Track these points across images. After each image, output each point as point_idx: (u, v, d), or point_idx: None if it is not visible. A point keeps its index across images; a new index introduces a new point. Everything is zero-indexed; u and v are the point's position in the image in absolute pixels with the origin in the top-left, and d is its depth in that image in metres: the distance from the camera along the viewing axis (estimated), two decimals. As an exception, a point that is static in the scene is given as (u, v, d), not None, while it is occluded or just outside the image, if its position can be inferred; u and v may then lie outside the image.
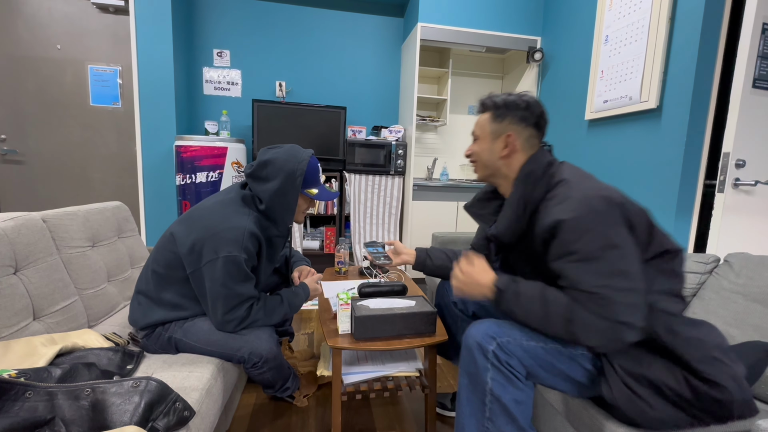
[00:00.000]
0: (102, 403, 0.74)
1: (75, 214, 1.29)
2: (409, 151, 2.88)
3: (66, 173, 2.68)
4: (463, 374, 0.91)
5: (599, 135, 2.20)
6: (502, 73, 3.35)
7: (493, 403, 0.85)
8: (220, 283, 1.05)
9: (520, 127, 0.95)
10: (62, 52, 2.59)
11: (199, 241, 1.05)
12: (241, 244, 1.05)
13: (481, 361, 0.86)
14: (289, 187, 1.14)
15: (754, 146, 1.47)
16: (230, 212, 1.11)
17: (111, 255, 1.42)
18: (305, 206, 1.26)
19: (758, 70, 1.43)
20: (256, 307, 1.13)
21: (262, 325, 1.16)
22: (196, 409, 0.87)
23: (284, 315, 1.21)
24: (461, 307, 1.29)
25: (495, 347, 0.85)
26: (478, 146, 1.02)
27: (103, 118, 2.68)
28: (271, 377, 1.21)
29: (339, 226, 3.02)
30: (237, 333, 1.12)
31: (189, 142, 2.48)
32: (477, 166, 1.05)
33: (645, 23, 1.84)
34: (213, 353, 1.11)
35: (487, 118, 0.99)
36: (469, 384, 0.88)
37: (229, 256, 1.04)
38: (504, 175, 0.99)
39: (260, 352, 1.11)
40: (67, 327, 1.12)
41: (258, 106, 2.72)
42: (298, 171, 1.14)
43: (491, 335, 0.87)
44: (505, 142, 0.95)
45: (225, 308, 1.07)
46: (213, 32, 2.95)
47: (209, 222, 1.08)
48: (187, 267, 1.08)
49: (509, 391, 0.84)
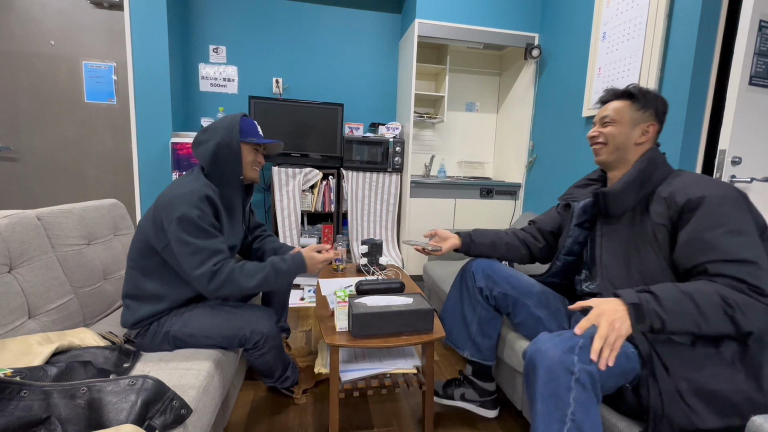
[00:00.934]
0: (98, 401, 0.74)
1: (70, 212, 1.29)
2: (407, 148, 2.87)
3: (61, 171, 2.66)
4: (540, 398, 0.78)
5: (596, 132, 2.20)
6: (500, 69, 3.34)
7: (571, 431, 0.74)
8: (181, 241, 1.06)
9: (657, 121, 1.01)
10: (56, 48, 2.56)
11: (158, 215, 1.09)
12: (191, 203, 1.07)
13: (564, 379, 0.75)
14: (228, 137, 1.18)
15: (750, 143, 1.48)
16: (179, 184, 1.14)
17: (107, 253, 1.41)
18: (251, 157, 1.25)
19: (755, 67, 1.43)
20: (229, 265, 1.10)
21: (242, 287, 1.11)
22: (193, 407, 0.87)
23: (266, 279, 1.14)
24: (487, 293, 1.25)
25: (582, 365, 0.74)
26: (615, 129, 1.03)
27: (98, 115, 2.66)
28: (272, 360, 1.22)
29: (336, 223, 3.01)
30: (236, 312, 1.14)
31: (185, 139, 2.47)
32: (605, 149, 1.05)
33: (642, 20, 1.84)
34: (214, 338, 1.12)
35: (628, 105, 1.02)
36: (546, 409, 0.76)
37: (182, 215, 1.06)
38: (627, 160, 1.03)
39: (261, 330, 1.14)
40: (63, 325, 1.12)
41: (255, 102, 2.70)
42: (233, 123, 1.20)
43: (569, 348, 0.77)
44: (645, 129, 1.01)
45: (191, 265, 1.06)
46: (209, 28, 2.93)
47: (163, 197, 1.11)
48: (158, 245, 1.10)
49: (591, 415, 0.74)
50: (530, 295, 1.21)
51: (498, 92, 3.37)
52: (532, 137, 2.87)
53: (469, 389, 1.36)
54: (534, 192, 2.82)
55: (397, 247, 3.04)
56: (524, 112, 2.93)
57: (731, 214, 0.81)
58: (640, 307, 0.76)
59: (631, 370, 0.83)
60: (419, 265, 2.93)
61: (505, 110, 3.25)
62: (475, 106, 3.36)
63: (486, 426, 1.37)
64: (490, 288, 1.24)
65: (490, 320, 1.27)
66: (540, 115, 2.78)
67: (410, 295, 1.27)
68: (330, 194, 2.94)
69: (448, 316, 1.34)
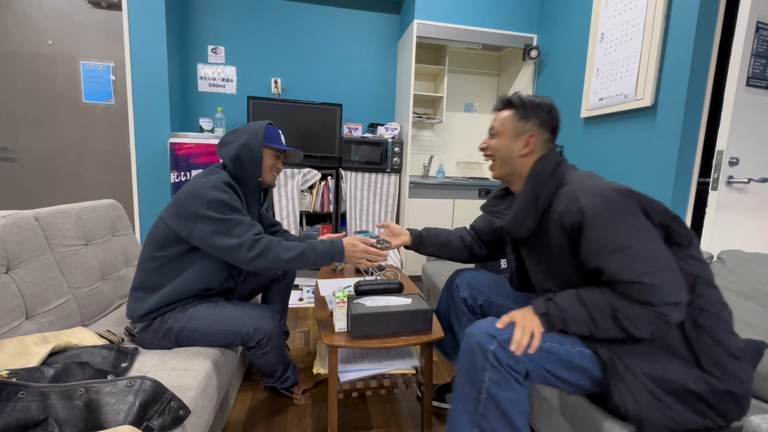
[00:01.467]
0: (96, 402, 0.73)
1: (68, 213, 1.28)
2: (406, 149, 2.87)
3: (58, 171, 2.65)
4: (461, 372, 0.90)
5: (595, 133, 2.21)
6: (498, 70, 3.35)
7: (488, 401, 0.84)
8: (217, 221, 1.08)
9: (541, 130, 1.00)
10: (53, 48, 2.55)
11: (182, 205, 1.11)
12: (219, 188, 1.12)
13: (480, 360, 0.85)
14: (253, 140, 1.23)
15: (748, 144, 1.49)
16: (201, 177, 1.19)
17: (105, 253, 1.40)
18: (270, 162, 1.30)
19: (752, 68, 1.44)
20: (267, 237, 1.13)
21: (279, 258, 1.10)
22: (191, 407, 0.86)
23: (302, 256, 1.13)
24: (471, 302, 1.28)
25: (495, 347, 0.84)
26: (497, 142, 1.03)
27: (95, 115, 2.65)
28: (273, 359, 1.23)
29: (335, 223, 3.01)
30: (241, 309, 1.17)
31: (183, 140, 2.46)
32: (494, 163, 1.06)
33: (640, 21, 1.84)
34: (217, 335, 1.12)
35: (511, 115, 1.01)
36: (465, 382, 0.88)
37: (213, 197, 1.09)
38: (519, 174, 1.02)
39: (265, 328, 1.15)
40: (60, 326, 1.11)
41: (253, 103, 2.70)
42: (259, 128, 1.26)
43: (492, 334, 0.86)
44: (527, 141, 0.99)
45: (230, 236, 1.08)
46: (208, 28, 2.92)
47: (185, 189, 1.14)
48: (184, 232, 1.10)
49: (506, 391, 0.84)
50: (515, 299, 1.24)
51: (497, 93, 3.38)
52: (530, 138, 2.87)
53: None
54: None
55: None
56: (523, 112, 2.93)
57: (613, 229, 0.82)
58: (548, 314, 0.88)
59: (586, 367, 0.87)
60: (418, 266, 2.93)
61: (504, 111, 3.25)
62: (473, 107, 3.36)
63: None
64: (474, 297, 1.27)
65: None
66: (538, 116, 2.78)
67: (409, 295, 1.27)
68: (329, 194, 2.94)
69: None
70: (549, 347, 0.87)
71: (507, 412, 0.83)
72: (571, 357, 0.87)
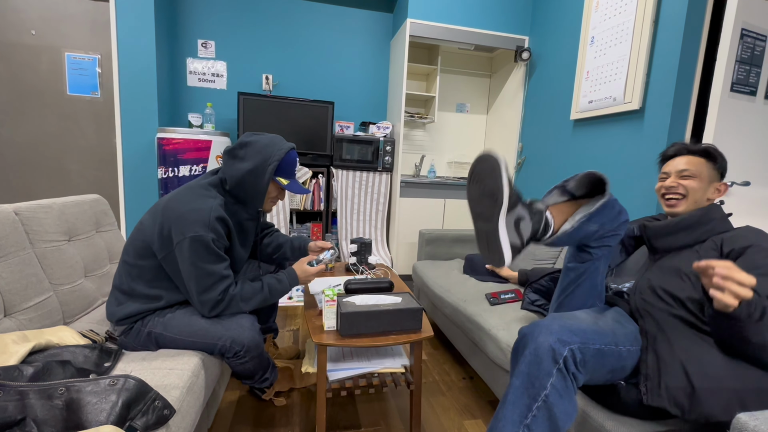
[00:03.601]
0: (77, 402, 0.71)
1: (50, 207, 1.25)
2: (397, 148, 2.87)
3: (41, 164, 2.58)
4: (520, 374, 0.83)
5: (584, 135, 2.24)
6: (490, 71, 3.37)
7: (541, 410, 0.79)
8: (189, 263, 1.05)
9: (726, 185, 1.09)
10: (37, 38, 2.48)
11: (166, 224, 1.06)
12: (207, 225, 1.06)
13: (547, 365, 0.80)
14: (262, 170, 1.15)
15: (731, 148, 1.52)
16: (195, 195, 1.11)
17: (88, 249, 1.37)
18: (275, 194, 1.25)
19: (736, 74, 1.48)
20: (232, 291, 1.11)
21: (240, 311, 1.14)
22: (176, 407, 0.85)
23: (263, 301, 1.19)
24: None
25: (569, 354, 0.80)
26: (697, 184, 1.07)
27: (80, 108, 2.59)
28: (253, 367, 1.20)
29: (326, 222, 3.00)
30: (218, 321, 1.11)
31: (172, 135, 2.42)
32: (684, 201, 1.08)
33: (630, 25, 1.87)
34: (195, 344, 1.09)
35: (704, 162, 1.07)
36: (522, 386, 0.82)
37: (196, 236, 1.04)
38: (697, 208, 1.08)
39: (242, 341, 1.10)
40: (41, 324, 1.08)
41: (244, 99, 2.67)
42: (275, 157, 1.16)
43: (565, 340, 0.82)
44: (718, 188, 1.08)
45: (198, 289, 1.07)
46: (197, 22, 2.87)
47: (175, 205, 1.08)
48: (158, 252, 1.08)
49: (563, 401, 0.79)
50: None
51: (488, 94, 3.40)
52: (521, 139, 2.90)
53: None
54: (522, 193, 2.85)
55: (386, 247, 3.04)
56: (514, 114, 2.96)
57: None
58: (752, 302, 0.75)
59: (620, 369, 0.87)
60: (408, 265, 2.93)
61: (495, 112, 3.28)
62: (465, 107, 3.38)
63: (472, 425, 1.38)
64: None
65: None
66: (529, 118, 2.81)
67: (399, 294, 1.27)
68: (320, 193, 2.92)
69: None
70: (608, 350, 0.85)
71: (558, 425, 0.78)
72: (623, 356, 0.87)
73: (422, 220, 2.88)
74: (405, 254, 2.92)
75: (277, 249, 1.48)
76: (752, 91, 1.52)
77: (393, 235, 2.93)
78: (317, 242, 1.47)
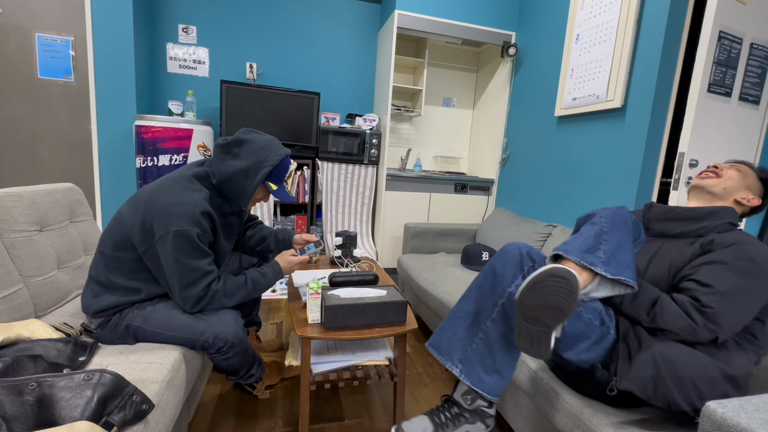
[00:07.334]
0: (49, 398, 0.69)
1: (20, 196, 1.19)
2: (383, 141, 2.86)
3: (10, 151, 2.45)
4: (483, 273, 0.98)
5: (567, 131, 2.28)
6: (477, 66, 3.38)
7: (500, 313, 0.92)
8: (172, 258, 1.02)
9: (760, 201, 1.10)
10: (4, 17, 2.34)
11: (149, 217, 1.03)
12: (192, 219, 1.03)
13: (512, 267, 0.94)
14: (255, 172, 1.14)
15: (706, 147, 1.57)
16: (180, 188, 1.08)
17: (61, 240, 1.32)
18: (260, 196, 1.24)
19: (713, 75, 1.52)
20: (215, 287, 1.09)
21: (223, 306, 1.13)
22: (155, 401, 0.83)
23: (247, 296, 1.17)
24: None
25: (533, 259, 0.93)
26: (737, 175, 1.08)
27: (53, 93, 2.47)
28: (236, 363, 1.18)
29: (311, 214, 2.97)
30: (201, 316, 1.09)
31: (151, 123, 2.34)
32: (715, 180, 1.09)
33: (614, 24, 1.90)
34: (175, 339, 1.07)
35: (755, 176, 1.10)
36: (485, 281, 0.97)
37: (180, 230, 1.01)
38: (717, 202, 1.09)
39: (225, 337, 1.08)
40: (11, 317, 1.04)
41: (227, 87, 2.60)
42: (270, 161, 1.15)
43: (529, 251, 0.95)
44: (749, 197, 1.08)
45: (181, 284, 1.05)
46: (178, 6, 2.77)
47: (158, 197, 1.04)
48: (139, 246, 1.04)
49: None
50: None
51: (475, 89, 3.41)
52: (506, 134, 2.93)
53: None
54: (507, 188, 2.89)
55: (371, 240, 3.03)
56: (499, 109, 2.98)
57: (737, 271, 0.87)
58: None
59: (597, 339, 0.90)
60: (393, 258, 2.94)
61: (481, 107, 3.30)
62: (452, 102, 3.38)
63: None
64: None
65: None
66: (514, 113, 2.83)
67: (384, 287, 1.27)
68: (304, 185, 2.89)
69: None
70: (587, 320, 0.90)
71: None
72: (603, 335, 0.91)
73: (408, 214, 2.89)
74: (390, 247, 2.93)
75: (260, 241, 1.46)
76: (727, 92, 1.57)
77: (378, 229, 2.93)
78: (303, 235, 1.46)
